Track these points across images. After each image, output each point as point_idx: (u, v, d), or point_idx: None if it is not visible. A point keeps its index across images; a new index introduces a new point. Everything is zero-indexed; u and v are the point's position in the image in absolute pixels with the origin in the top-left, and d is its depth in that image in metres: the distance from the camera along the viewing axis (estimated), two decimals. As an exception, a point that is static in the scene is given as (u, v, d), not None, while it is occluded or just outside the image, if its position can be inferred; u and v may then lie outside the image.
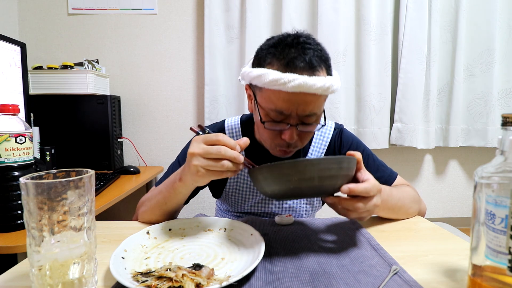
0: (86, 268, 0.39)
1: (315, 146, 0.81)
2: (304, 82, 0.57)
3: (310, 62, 0.60)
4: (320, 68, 0.62)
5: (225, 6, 1.70)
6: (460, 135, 1.83)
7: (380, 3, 1.71)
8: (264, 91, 0.62)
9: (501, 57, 1.78)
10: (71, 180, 0.37)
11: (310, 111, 0.62)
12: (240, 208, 0.83)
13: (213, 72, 1.71)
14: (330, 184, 0.49)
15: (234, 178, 0.81)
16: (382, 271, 0.46)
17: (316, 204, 0.84)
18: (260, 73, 0.60)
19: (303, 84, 0.57)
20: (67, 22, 1.73)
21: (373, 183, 0.53)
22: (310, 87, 0.57)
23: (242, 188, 0.80)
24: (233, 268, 0.46)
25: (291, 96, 0.59)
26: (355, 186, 0.50)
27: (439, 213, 1.99)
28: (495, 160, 0.37)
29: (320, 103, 0.63)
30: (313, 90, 0.58)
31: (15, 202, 0.70)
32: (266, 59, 0.63)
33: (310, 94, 0.59)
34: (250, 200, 0.81)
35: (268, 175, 0.49)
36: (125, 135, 1.78)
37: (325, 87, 0.59)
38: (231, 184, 0.81)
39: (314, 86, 0.58)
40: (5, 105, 0.67)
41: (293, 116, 0.62)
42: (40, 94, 1.45)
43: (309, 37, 0.64)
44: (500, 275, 0.35)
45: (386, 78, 1.75)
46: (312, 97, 0.60)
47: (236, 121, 0.81)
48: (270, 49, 0.63)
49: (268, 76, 0.58)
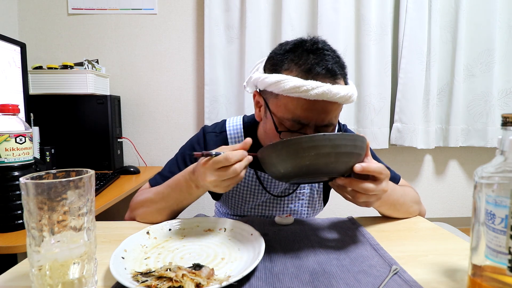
0: (86, 268, 0.39)
1: None
2: (328, 90, 0.54)
3: (332, 70, 0.57)
4: (341, 76, 0.59)
5: (225, 6, 1.70)
6: (460, 135, 1.83)
7: (380, 3, 1.71)
8: (281, 98, 0.59)
9: (501, 57, 1.78)
10: (71, 180, 0.37)
11: (329, 121, 0.60)
12: (240, 211, 0.83)
13: (213, 72, 1.71)
14: (344, 161, 0.49)
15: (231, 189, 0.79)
16: (382, 271, 0.46)
17: (317, 206, 0.84)
18: (278, 79, 0.56)
19: (327, 92, 0.54)
20: (67, 22, 1.73)
21: (383, 166, 0.53)
22: (334, 96, 0.55)
23: (242, 190, 0.79)
24: (233, 268, 0.46)
25: (312, 104, 0.56)
26: (368, 164, 0.51)
27: (439, 213, 1.99)
28: (495, 160, 0.37)
29: (338, 113, 0.61)
30: (336, 98, 0.55)
31: (15, 202, 0.70)
32: (283, 64, 0.59)
33: (332, 103, 0.57)
34: (250, 202, 0.80)
35: (284, 151, 0.48)
36: (125, 135, 1.78)
37: (348, 96, 0.57)
38: (228, 193, 0.81)
39: (338, 94, 0.55)
40: (5, 105, 0.67)
41: (311, 126, 0.59)
42: (40, 94, 1.45)
43: (326, 43, 0.62)
44: (500, 275, 0.35)
45: (386, 78, 1.75)
46: (333, 106, 0.58)
47: (238, 124, 0.78)
48: (287, 54, 0.60)
49: (289, 82, 0.55)
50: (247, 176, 0.77)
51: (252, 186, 0.78)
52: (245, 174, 0.77)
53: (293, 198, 0.80)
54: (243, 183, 0.79)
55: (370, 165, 0.51)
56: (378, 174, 0.52)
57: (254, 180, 0.77)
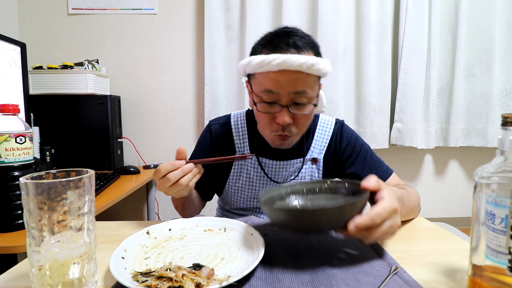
0: (86, 268, 0.39)
1: (317, 140, 0.82)
2: (287, 59, 0.60)
3: (294, 44, 0.64)
4: (306, 50, 0.65)
5: (225, 6, 1.70)
6: (460, 135, 1.83)
7: (380, 3, 1.71)
8: (256, 76, 0.67)
9: (501, 57, 1.78)
10: (71, 180, 0.37)
11: (299, 89, 0.64)
12: (242, 202, 0.84)
13: (213, 72, 1.71)
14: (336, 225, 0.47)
15: (234, 175, 0.82)
16: (382, 271, 0.46)
17: None
18: (249, 59, 0.65)
19: (287, 61, 0.60)
20: (67, 22, 1.73)
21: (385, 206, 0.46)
22: (293, 63, 0.60)
23: (246, 177, 0.82)
24: (233, 268, 0.46)
25: (278, 75, 0.62)
26: (360, 221, 0.45)
27: (439, 213, 1.99)
28: (495, 160, 0.37)
29: (309, 83, 0.65)
30: (296, 66, 0.60)
31: (15, 202, 0.70)
32: (256, 50, 0.68)
33: (296, 72, 0.62)
34: (252, 191, 0.82)
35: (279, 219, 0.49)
36: (125, 135, 1.78)
37: (309, 64, 0.61)
38: (231, 181, 0.83)
39: (297, 62, 0.60)
40: (5, 105, 0.67)
41: (283, 95, 0.64)
42: (40, 94, 1.45)
43: (297, 29, 0.68)
44: (500, 275, 0.35)
45: (386, 78, 1.75)
46: (299, 75, 0.62)
47: (241, 115, 0.84)
48: (261, 41, 0.69)
49: (256, 59, 0.63)
50: (250, 163, 0.81)
51: (255, 173, 0.81)
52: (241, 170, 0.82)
53: None
54: (246, 170, 0.81)
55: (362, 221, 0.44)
56: (374, 224, 0.45)
57: (256, 166, 0.81)
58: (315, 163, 0.81)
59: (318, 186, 0.61)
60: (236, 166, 0.82)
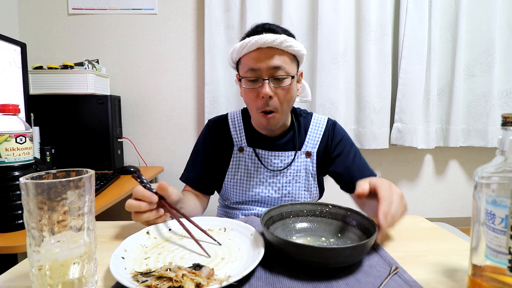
0: (86, 268, 0.39)
1: (311, 136, 0.88)
2: (260, 38, 0.72)
3: (269, 28, 0.77)
4: (279, 33, 0.75)
5: (225, 6, 1.70)
6: (460, 135, 1.83)
7: (380, 3, 1.70)
8: (241, 61, 0.78)
9: (501, 57, 1.78)
10: (71, 180, 0.37)
11: (275, 63, 0.74)
12: (239, 197, 0.88)
13: (213, 72, 1.71)
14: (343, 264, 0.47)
15: (233, 167, 0.88)
16: (382, 271, 0.46)
17: (314, 191, 0.90)
18: (233, 47, 0.77)
19: (259, 40, 0.72)
20: (67, 22, 1.73)
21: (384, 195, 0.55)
22: (266, 40, 0.71)
23: (244, 169, 0.87)
24: (233, 268, 0.46)
25: (257, 54, 0.74)
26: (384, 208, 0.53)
27: (439, 213, 1.99)
28: (495, 160, 0.37)
29: (284, 59, 0.75)
30: (269, 43, 0.72)
31: (15, 202, 0.70)
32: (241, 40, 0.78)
33: (271, 48, 0.73)
34: (250, 181, 0.87)
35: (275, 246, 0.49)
36: (125, 135, 1.78)
37: (280, 40, 0.72)
38: (230, 174, 0.88)
39: (270, 39, 0.71)
40: (5, 105, 0.67)
41: (263, 71, 0.74)
42: (40, 94, 1.45)
43: (276, 24, 0.80)
44: (500, 275, 0.35)
45: (386, 78, 1.75)
46: (274, 51, 0.73)
47: (238, 111, 0.94)
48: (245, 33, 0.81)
49: (238, 44, 0.76)
50: (248, 155, 0.87)
51: (252, 163, 0.87)
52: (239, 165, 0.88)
53: (290, 182, 0.87)
54: (244, 162, 0.87)
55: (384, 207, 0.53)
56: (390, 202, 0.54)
57: (254, 157, 0.87)
58: (309, 156, 0.87)
59: (319, 209, 0.62)
60: (235, 159, 0.88)
